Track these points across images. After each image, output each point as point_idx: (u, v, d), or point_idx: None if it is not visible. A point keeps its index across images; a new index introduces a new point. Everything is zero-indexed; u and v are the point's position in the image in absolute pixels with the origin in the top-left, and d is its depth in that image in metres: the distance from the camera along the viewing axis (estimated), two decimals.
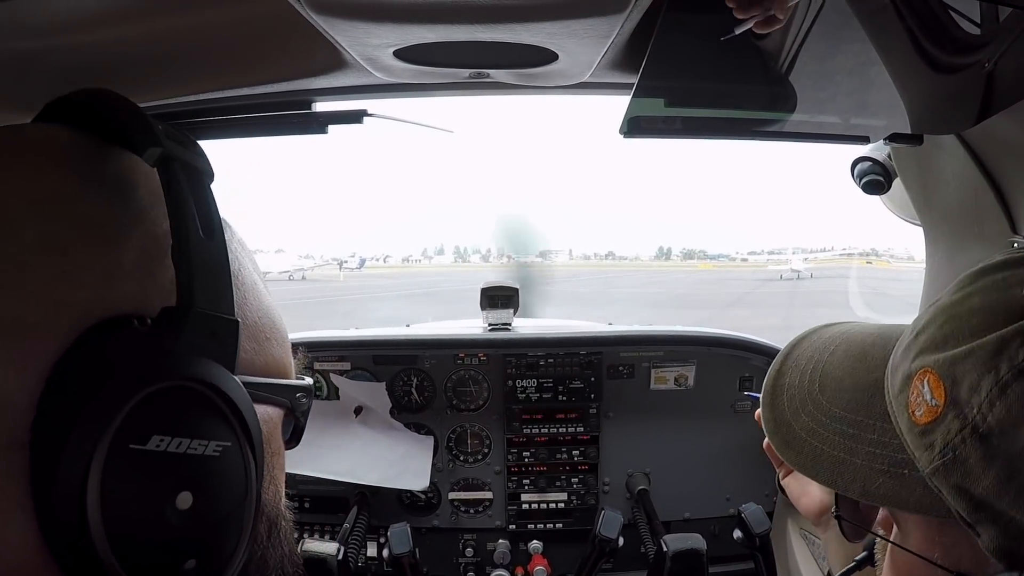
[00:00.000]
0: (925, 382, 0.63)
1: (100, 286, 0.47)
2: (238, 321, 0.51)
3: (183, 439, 0.46)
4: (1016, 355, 0.57)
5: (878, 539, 0.82)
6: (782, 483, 1.19)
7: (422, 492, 2.30)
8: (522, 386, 2.30)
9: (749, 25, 0.99)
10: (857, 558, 0.90)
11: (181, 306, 0.48)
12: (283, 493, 0.64)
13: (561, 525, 2.31)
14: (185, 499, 0.47)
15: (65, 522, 0.43)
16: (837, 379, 0.77)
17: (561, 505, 2.32)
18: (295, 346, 0.66)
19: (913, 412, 0.64)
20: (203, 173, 0.53)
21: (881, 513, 0.80)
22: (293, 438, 0.67)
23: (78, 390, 0.44)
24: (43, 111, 0.57)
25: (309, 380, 0.67)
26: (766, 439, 0.86)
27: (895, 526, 0.76)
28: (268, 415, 0.59)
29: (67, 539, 0.43)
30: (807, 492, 1.17)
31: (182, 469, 0.47)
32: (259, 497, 0.54)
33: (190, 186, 0.51)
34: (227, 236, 0.56)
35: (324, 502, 2.30)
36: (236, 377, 0.51)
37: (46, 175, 0.50)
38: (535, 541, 2.28)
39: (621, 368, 2.32)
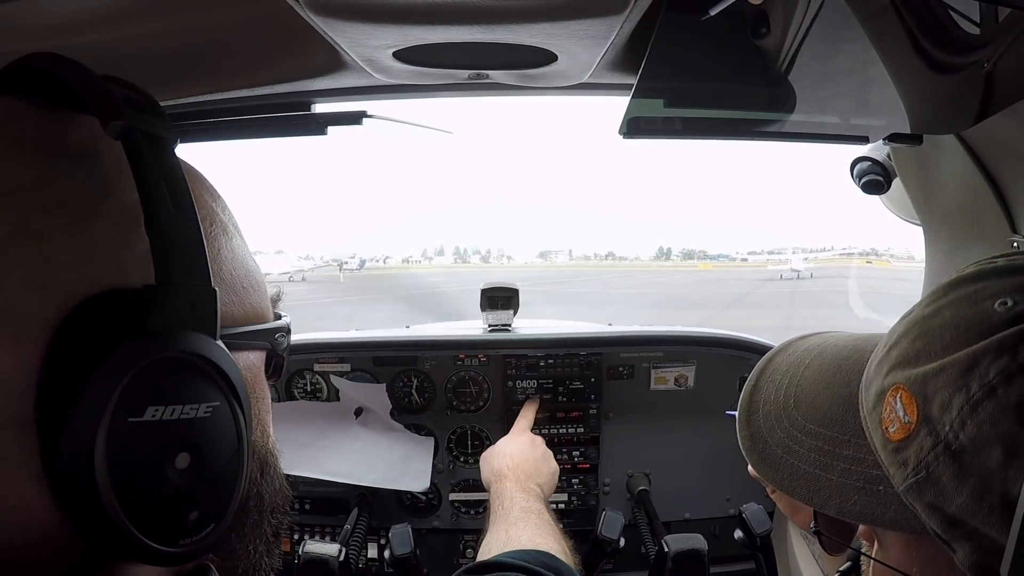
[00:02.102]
0: (898, 398, 0.62)
1: (80, 265, 0.49)
2: (215, 290, 0.53)
3: (175, 406, 0.50)
4: (987, 373, 0.56)
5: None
6: (772, 497, 1.17)
7: (422, 493, 2.30)
8: (522, 387, 2.30)
9: None
10: (840, 569, 0.88)
11: (160, 283, 0.50)
12: (270, 432, 0.67)
13: (561, 526, 2.31)
14: (183, 459, 0.50)
15: (79, 491, 0.46)
16: (812, 394, 0.76)
17: (561, 506, 2.32)
18: (296, 348, 0.69)
19: (887, 429, 0.63)
20: (167, 140, 0.53)
21: (862, 527, 0.78)
22: (275, 373, 0.70)
23: (73, 373, 0.46)
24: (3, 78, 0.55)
25: (285, 319, 0.70)
26: (748, 465, 0.83)
27: (875, 541, 0.75)
28: (250, 361, 0.63)
29: (82, 506, 0.46)
30: (802, 508, 1.10)
31: (177, 433, 0.50)
32: (249, 452, 0.57)
33: (155, 155, 0.51)
34: (197, 189, 0.59)
35: (324, 504, 2.30)
36: (222, 344, 0.53)
37: (12, 160, 0.50)
38: None
39: (621, 369, 2.31)
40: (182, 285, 0.51)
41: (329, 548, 1.79)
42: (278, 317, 0.70)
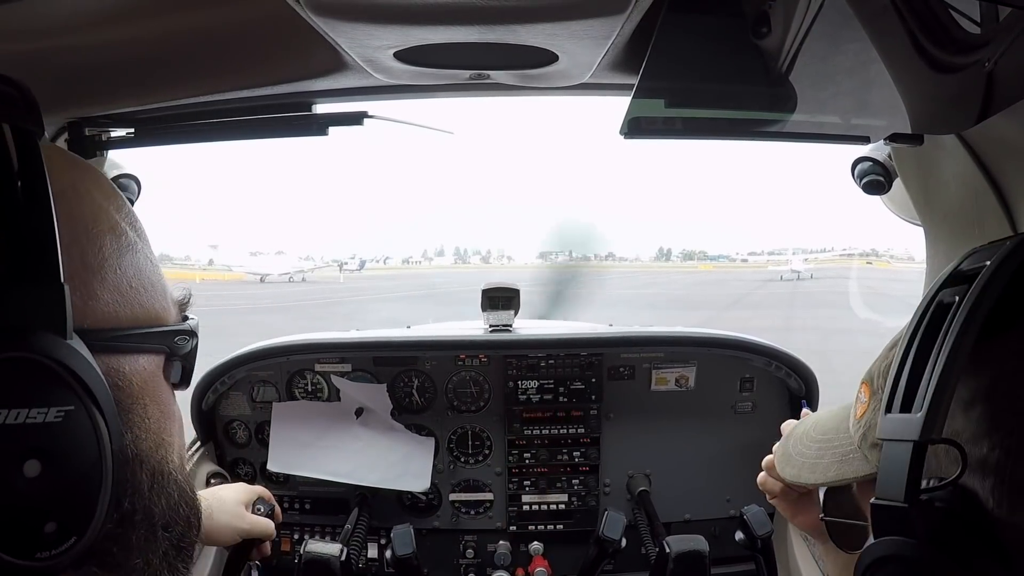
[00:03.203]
0: (861, 390, 0.88)
1: None
2: (64, 287, 0.51)
3: (19, 410, 0.48)
4: (899, 343, 0.76)
5: None
6: (772, 503, 1.42)
7: (423, 493, 2.30)
8: (523, 387, 2.30)
9: None
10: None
11: (2, 279, 0.48)
12: (171, 441, 0.65)
13: (562, 526, 2.31)
14: (33, 466, 0.49)
15: None
16: (825, 420, 1.02)
17: (562, 506, 2.32)
18: (297, 348, 0.68)
19: (856, 413, 0.88)
20: (30, 133, 0.52)
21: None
22: (183, 381, 0.68)
23: None
24: None
25: (190, 322, 0.69)
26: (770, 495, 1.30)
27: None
28: (139, 364, 0.61)
29: None
30: (801, 510, 1.37)
31: (24, 439, 0.48)
32: (124, 449, 0.55)
33: (17, 148, 0.50)
34: (87, 189, 0.58)
35: (325, 503, 2.30)
36: (75, 345, 0.51)
37: None
38: (536, 542, 2.28)
39: (622, 369, 2.31)
40: (26, 281, 0.49)
41: (331, 548, 1.80)
42: (186, 320, 0.69)
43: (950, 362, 0.66)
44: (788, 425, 1.33)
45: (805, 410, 1.41)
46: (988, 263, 0.69)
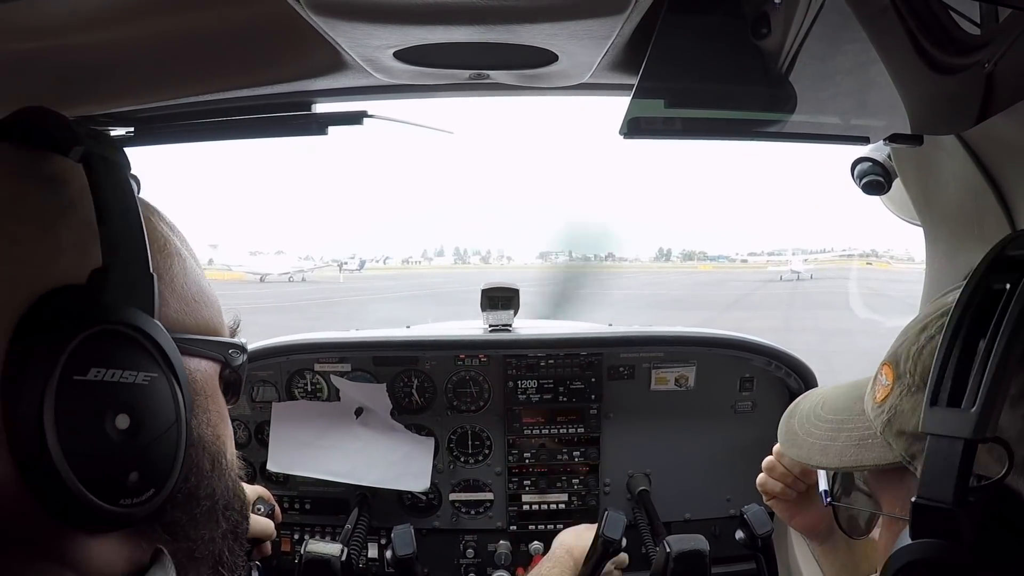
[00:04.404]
0: (882, 372, 0.84)
1: (45, 264, 0.59)
2: (153, 275, 0.62)
3: (116, 370, 0.58)
4: (931, 328, 0.78)
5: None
6: (769, 504, 1.43)
7: (423, 493, 2.30)
8: (523, 387, 2.30)
9: None
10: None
11: (105, 267, 0.59)
12: (225, 438, 0.75)
13: (562, 526, 2.30)
14: (123, 420, 0.58)
15: (28, 446, 0.53)
16: (834, 398, 0.99)
17: (562, 506, 2.32)
18: (296, 348, 0.76)
19: (875, 396, 0.85)
20: (120, 166, 0.65)
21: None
22: (232, 393, 0.77)
23: (32, 343, 0.55)
24: None
25: (241, 339, 0.79)
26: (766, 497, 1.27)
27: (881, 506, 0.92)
28: (201, 366, 0.71)
29: (31, 461, 0.54)
30: (798, 512, 1.37)
31: (117, 395, 0.58)
32: (190, 428, 0.64)
33: (109, 176, 0.63)
34: (156, 221, 0.71)
35: (325, 503, 2.30)
36: (160, 324, 0.62)
37: None
38: (536, 542, 2.28)
39: (621, 369, 2.31)
40: (124, 270, 0.60)
41: (331, 548, 1.80)
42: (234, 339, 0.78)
43: (1007, 355, 0.63)
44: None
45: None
46: None
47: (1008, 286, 0.66)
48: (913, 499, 0.67)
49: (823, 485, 1.36)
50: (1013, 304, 0.64)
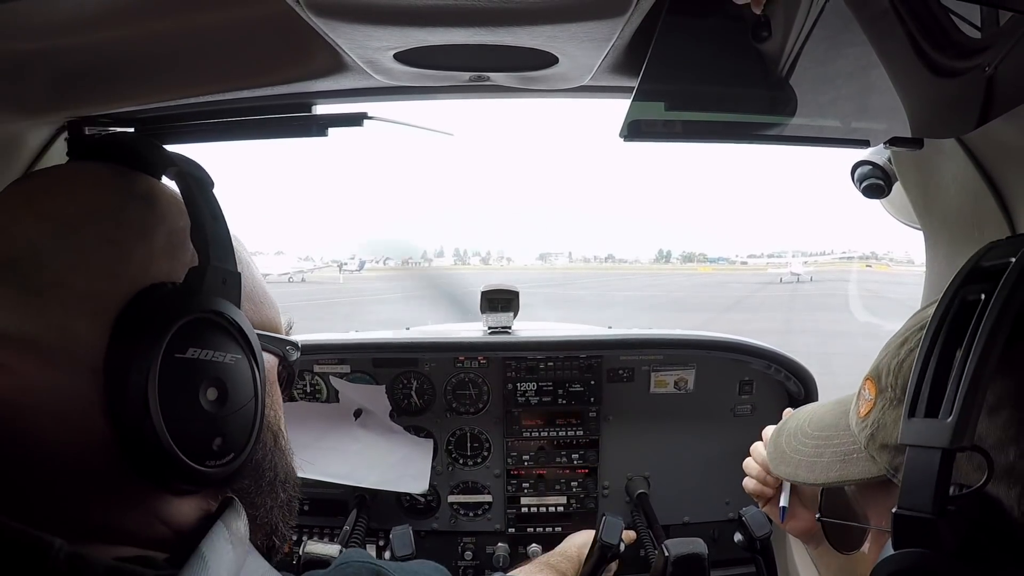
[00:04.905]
0: (865, 386, 0.85)
1: (142, 264, 0.68)
2: (240, 273, 0.73)
3: (209, 350, 0.67)
4: (911, 341, 0.78)
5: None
6: (765, 511, 1.46)
7: (421, 495, 2.30)
8: (522, 389, 2.30)
9: None
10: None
11: (201, 264, 0.69)
12: (284, 429, 0.84)
13: (560, 529, 2.31)
14: (212, 392, 0.67)
15: (133, 413, 0.61)
16: (820, 415, 1.00)
17: (560, 509, 2.32)
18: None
19: (859, 411, 0.85)
20: (207, 182, 0.76)
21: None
22: (286, 383, 0.86)
23: (140, 326, 0.63)
24: (91, 149, 0.79)
25: (295, 338, 0.88)
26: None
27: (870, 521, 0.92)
28: (266, 357, 0.78)
29: (134, 425, 0.62)
30: (794, 515, 1.37)
31: (210, 371, 0.67)
32: (263, 404, 0.73)
33: (201, 191, 0.74)
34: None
35: (323, 505, 2.29)
36: (244, 315, 0.72)
37: (98, 196, 0.71)
38: (534, 544, 2.28)
39: (621, 372, 2.31)
40: (217, 267, 0.70)
41: (330, 549, 1.79)
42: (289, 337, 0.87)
43: (982, 364, 0.63)
44: (768, 432, 1.35)
45: (788, 409, 1.37)
46: (1013, 259, 0.66)
47: (983, 296, 0.66)
48: (894, 510, 0.67)
49: (783, 502, 1.41)
50: (988, 313, 0.64)
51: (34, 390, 0.62)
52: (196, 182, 0.74)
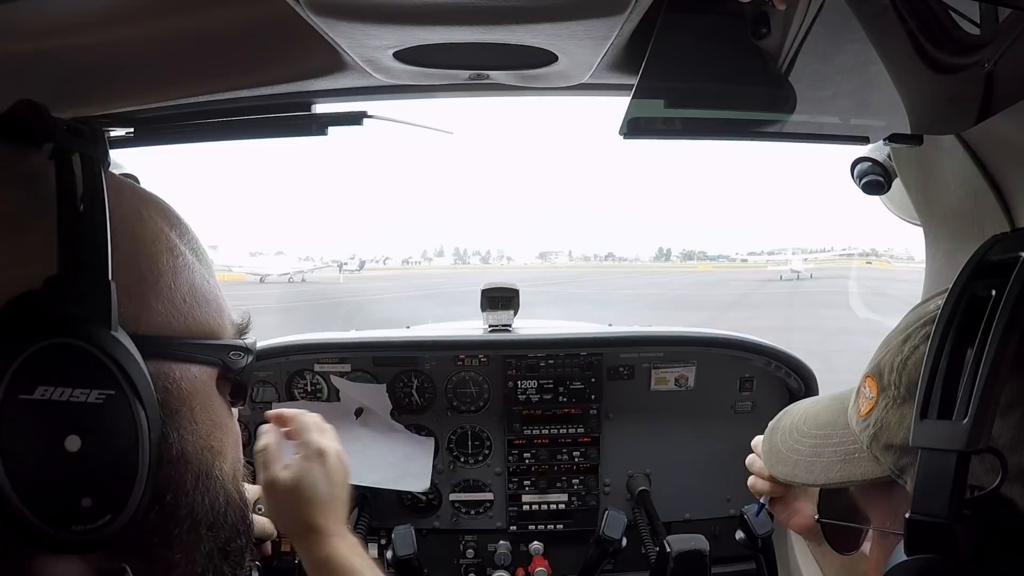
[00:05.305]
0: (865, 385, 0.83)
1: (12, 268, 0.55)
2: (110, 283, 0.57)
3: (65, 388, 0.53)
4: (914, 337, 0.77)
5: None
6: (769, 511, 1.42)
7: (423, 493, 2.30)
8: (522, 387, 2.30)
9: None
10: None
11: (58, 275, 0.55)
12: (224, 452, 0.69)
13: (562, 526, 2.31)
14: (73, 442, 0.53)
15: None
16: (816, 413, 0.98)
17: (562, 506, 2.32)
18: (296, 348, 0.72)
19: (860, 409, 0.83)
20: (94, 160, 0.60)
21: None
22: (236, 394, 0.73)
23: None
24: None
25: (245, 340, 0.74)
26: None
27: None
28: (190, 373, 0.66)
29: None
30: (797, 511, 1.35)
31: (67, 415, 0.53)
32: (169, 445, 0.61)
33: (83, 173, 0.58)
34: (149, 214, 0.67)
35: None
36: (121, 335, 0.57)
37: None
38: (536, 542, 2.28)
39: (621, 369, 2.31)
40: (78, 279, 0.55)
41: None
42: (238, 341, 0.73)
43: (997, 363, 0.61)
44: (757, 442, 1.32)
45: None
46: (1023, 254, 0.64)
47: (994, 292, 0.64)
48: (908, 515, 0.65)
49: (761, 499, 1.41)
50: (1000, 311, 0.63)
51: None
52: (83, 161, 0.59)
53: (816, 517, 0.96)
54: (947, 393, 0.65)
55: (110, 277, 0.57)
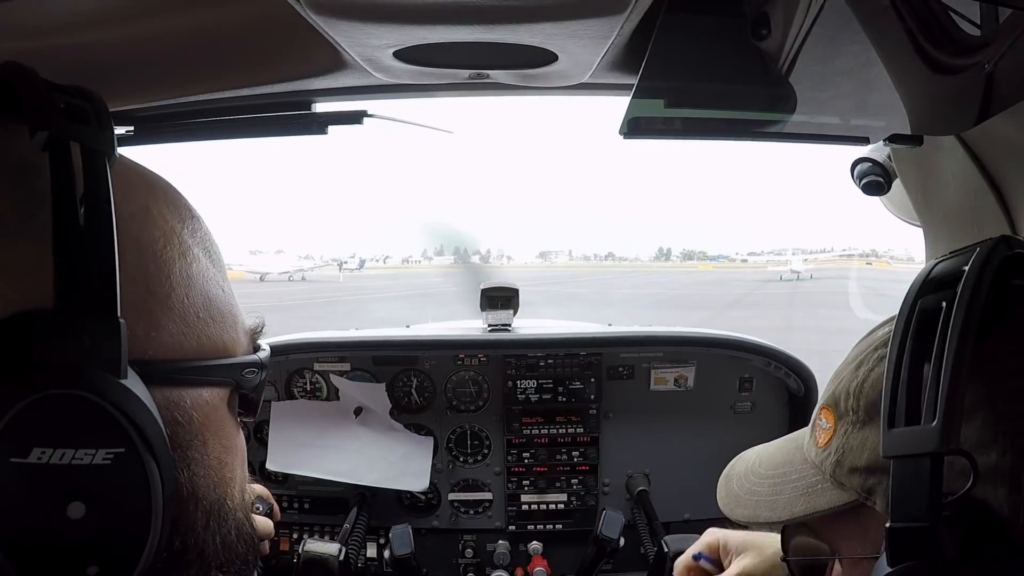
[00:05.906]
0: (821, 416, 0.83)
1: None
2: (120, 323, 0.47)
3: (66, 450, 0.45)
4: (868, 362, 0.77)
5: None
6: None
7: (422, 493, 2.30)
8: (522, 387, 2.30)
9: None
10: None
11: (55, 311, 0.45)
12: (235, 476, 0.63)
13: (561, 526, 2.31)
14: (77, 509, 0.46)
15: None
16: (770, 455, 0.98)
17: (561, 506, 2.32)
18: (296, 347, 0.67)
19: (817, 441, 0.83)
20: (99, 153, 0.49)
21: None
22: (249, 412, 0.67)
23: None
24: None
25: (261, 355, 0.66)
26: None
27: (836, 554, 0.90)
28: (203, 398, 0.58)
29: None
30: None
31: (69, 480, 0.46)
32: (175, 493, 0.53)
33: (84, 168, 0.48)
34: (159, 210, 0.56)
35: (324, 503, 2.30)
36: (132, 384, 0.49)
37: None
38: (535, 542, 2.28)
39: (621, 369, 2.31)
40: (80, 314, 0.46)
41: (329, 547, 1.80)
42: (257, 350, 0.66)
43: (958, 364, 0.62)
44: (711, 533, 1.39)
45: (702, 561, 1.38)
46: (967, 267, 0.66)
47: (944, 304, 0.66)
48: (888, 525, 0.66)
49: (694, 550, 1.42)
50: (955, 315, 0.64)
51: None
52: (84, 155, 0.48)
53: (781, 557, 0.95)
54: (911, 401, 0.66)
55: (119, 313, 0.48)
